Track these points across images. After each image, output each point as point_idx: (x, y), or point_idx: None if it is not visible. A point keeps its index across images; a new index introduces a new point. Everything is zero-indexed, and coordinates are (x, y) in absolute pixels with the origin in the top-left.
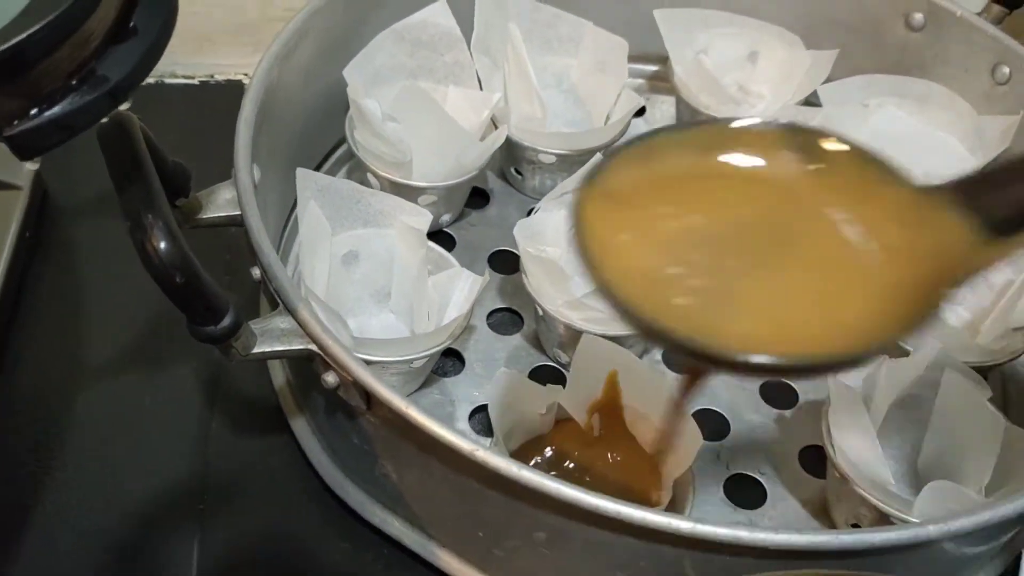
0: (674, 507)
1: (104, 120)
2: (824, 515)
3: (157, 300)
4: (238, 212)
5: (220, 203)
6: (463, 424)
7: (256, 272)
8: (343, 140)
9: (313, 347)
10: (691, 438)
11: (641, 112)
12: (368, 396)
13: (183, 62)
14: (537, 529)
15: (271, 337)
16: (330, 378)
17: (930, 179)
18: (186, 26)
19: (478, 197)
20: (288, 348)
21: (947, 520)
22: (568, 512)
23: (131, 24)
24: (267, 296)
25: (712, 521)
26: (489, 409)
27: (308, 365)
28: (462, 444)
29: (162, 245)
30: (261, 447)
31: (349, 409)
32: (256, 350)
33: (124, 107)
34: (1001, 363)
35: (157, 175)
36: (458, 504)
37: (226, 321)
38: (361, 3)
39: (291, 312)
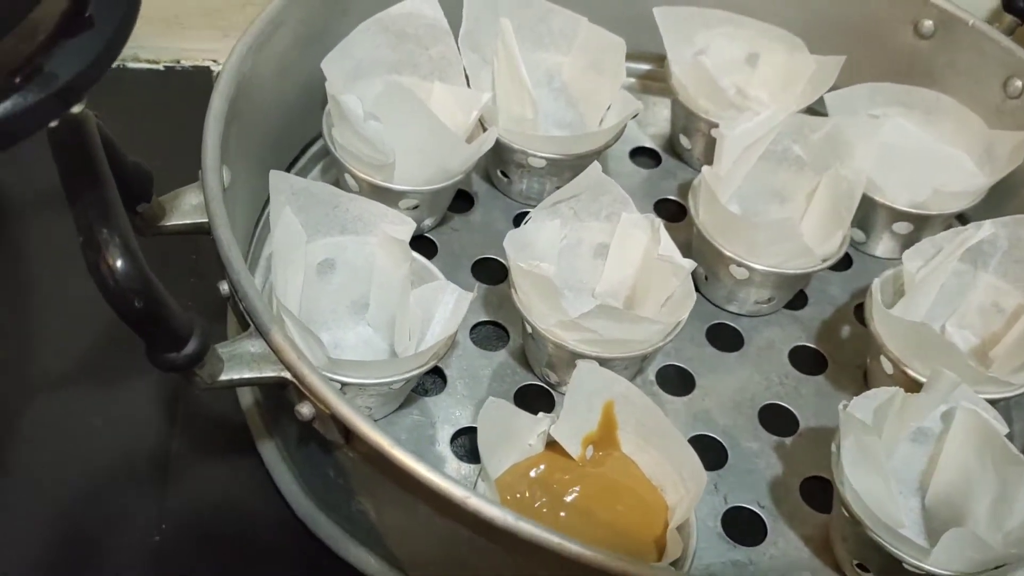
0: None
1: (54, 124)
2: (827, 552)
3: None
4: (205, 220)
5: (185, 209)
6: (444, 447)
7: (224, 287)
8: (318, 136)
9: (287, 375)
10: (693, 474)
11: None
12: (347, 431)
13: (147, 45)
14: None
15: (240, 363)
16: (305, 409)
17: (940, 196)
18: (152, 6)
19: (462, 200)
20: (259, 375)
21: None
22: (569, 567)
23: (86, 14)
24: (236, 314)
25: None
26: (479, 442)
27: (279, 388)
28: (454, 491)
29: (119, 265)
30: (226, 472)
31: (324, 441)
32: (223, 377)
33: (77, 108)
34: (1019, 395)
35: (114, 182)
36: (444, 548)
37: (190, 348)
38: None
39: (263, 335)
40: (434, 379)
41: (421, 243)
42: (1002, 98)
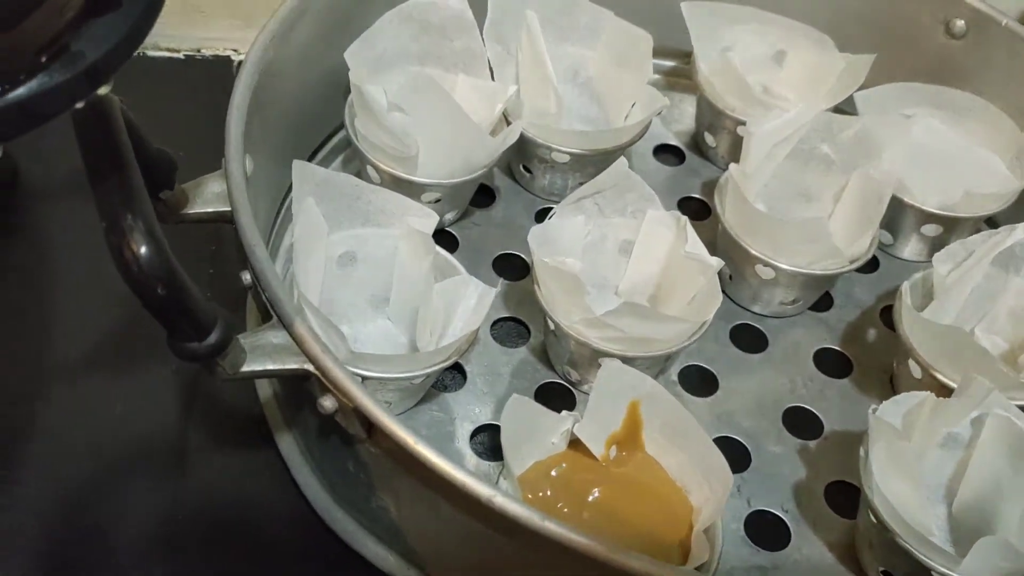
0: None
1: (80, 105)
2: (852, 559)
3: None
4: (228, 208)
5: (208, 197)
6: (463, 445)
7: (247, 277)
8: (339, 127)
9: (309, 367)
10: (720, 476)
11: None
12: (369, 425)
13: (168, 33)
14: None
15: (262, 354)
16: (327, 402)
17: (971, 198)
18: None
19: (483, 195)
20: (281, 367)
21: None
22: (595, 568)
23: None
24: (258, 305)
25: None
26: (502, 440)
27: (300, 380)
28: (479, 489)
29: (143, 251)
30: (243, 464)
31: (346, 435)
32: (246, 368)
33: (104, 90)
34: None
35: (139, 168)
36: (466, 547)
37: (213, 337)
38: None
39: (286, 326)
40: (454, 375)
41: (442, 237)
42: None
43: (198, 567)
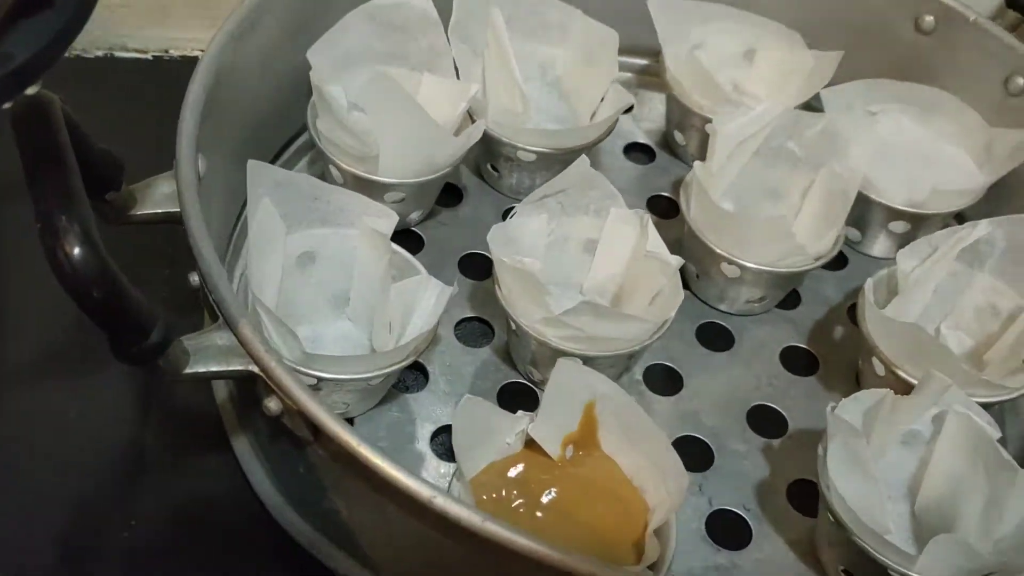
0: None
1: (11, 104)
2: (813, 557)
3: None
4: (177, 209)
5: (157, 198)
6: (424, 445)
7: (195, 278)
8: (304, 128)
9: (254, 368)
10: (675, 476)
11: (629, 109)
12: (315, 427)
13: (135, 34)
14: None
15: (207, 355)
16: (272, 404)
17: (938, 195)
18: None
19: (450, 194)
20: (226, 368)
21: None
22: (540, 570)
23: None
24: (206, 306)
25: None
26: (454, 441)
27: (248, 382)
28: (420, 490)
29: (76, 253)
30: (200, 467)
31: (295, 438)
32: (188, 370)
33: (32, 90)
34: (1012, 399)
35: (78, 169)
36: (416, 549)
37: (152, 339)
38: None
39: (231, 327)
40: (416, 375)
41: (407, 237)
42: (1003, 96)
43: (155, 571)
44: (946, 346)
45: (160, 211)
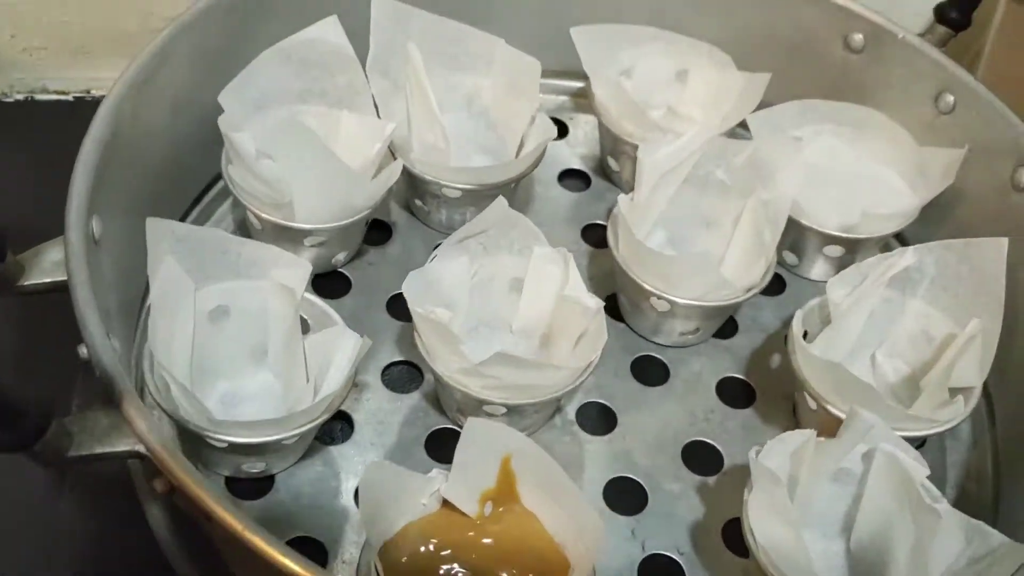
0: None
1: None
2: None
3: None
4: (65, 277)
5: (46, 266)
6: (348, 500)
7: (83, 351)
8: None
9: (141, 448)
10: (592, 532)
11: (564, 134)
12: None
13: (55, 76)
14: None
15: (91, 437)
16: (158, 485)
17: (870, 218)
18: (55, 36)
19: (379, 231)
20: (111, 450)
21: None
22: None
23: None
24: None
25: None
26: (360, 511)
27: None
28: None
29: None
30: (114, 537)
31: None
32: (72, 454)
33: None
34: (942, 432)
35: None
36: None
37: (24, 425)
38: (239, 19)
39: (115, 403)
40: (342, 425)
41: (334, 279)
42: (934, 114)
43: None
44: (868, 383)
45: (48, 280)
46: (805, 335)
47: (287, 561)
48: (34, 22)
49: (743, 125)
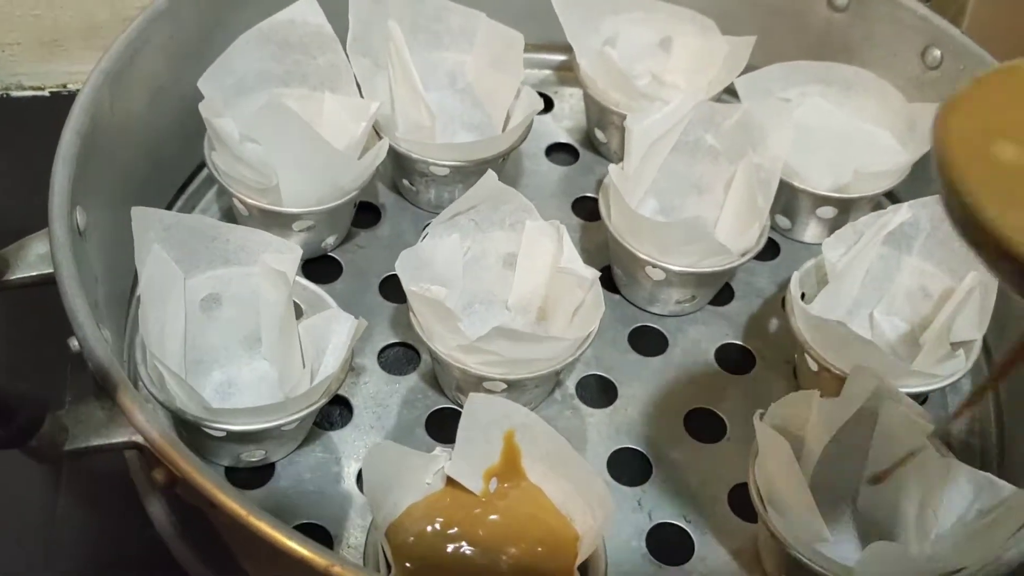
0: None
1: None
2: (756, 565)
3: None
4: (51, 269)
5: (31, 259)
6: (350, 484)
7: (74, 344)
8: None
9: (139, 438)
10: (600, 504)
11: (549, 108)
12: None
13: (29, 72)
14: None
15: (87, 429)
16: (159, 476)
17: (862, 177)
18: (27, 31)
19: (368, 213)
20: (108, 442)
21: None
22: None
23: None
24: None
25: None
26: (365, 491)
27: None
28: (317, 559)
29: None
30: (115, 530)
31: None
32: (69, 447)
33: None
34: (942, 387)
35: None
36: None
37: (18, 420)
38: (213, 5)
39: (110, 395)
40: (340, 410)
41: (325, 263)
42: (921, 69)
43: None
44: (870, 340)
45: (35, 273)
46: (803, 297)
47: (295, 545)
48: (5, 17)
49: (729, 91)
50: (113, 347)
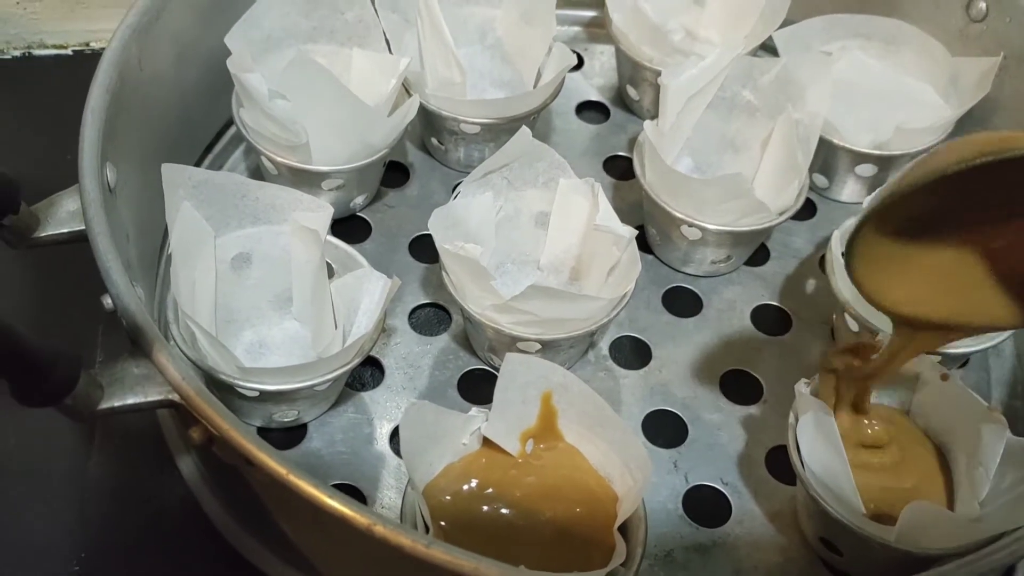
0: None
1: None
2: (794, 528)
3: (21, 306)
4: (83, 227)
5: (62, 216)
6: (383, 445)
7: (108, 301)
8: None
9: (175, 396)
10: (639, 464)
11: (579, 65)
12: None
13: (52, 30)
14: None
15: (123, 388)
16: (195, 434)
17: (904, 134)
18: None
19: (397, 172)
20: (144, 400)
21: None
22: None
23: None
24: (124, 331)
25: None
26: (402, 451)
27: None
28: (358, 517)
29: None
30: (147, 490)
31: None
32: (104, 405)
33: None
34: (983, 348)
35: None
36: (368, 565)
37: (54, 378)
38: None
39: (145, 353)
40: (372, 371)
41: (354, 223)
42: (965, 22)
43: None
44: None
45: (65, 231)
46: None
47: (336, 504)
48: None
49: (764, 47)
50: (145, 305)
